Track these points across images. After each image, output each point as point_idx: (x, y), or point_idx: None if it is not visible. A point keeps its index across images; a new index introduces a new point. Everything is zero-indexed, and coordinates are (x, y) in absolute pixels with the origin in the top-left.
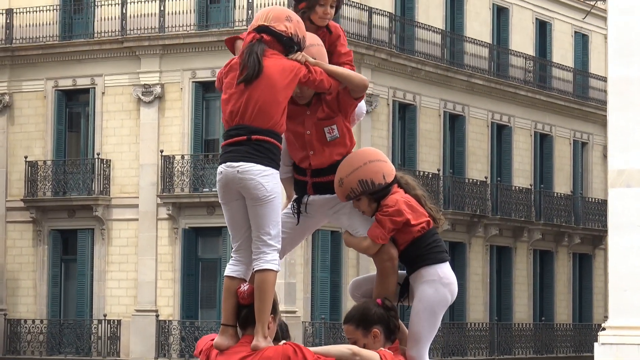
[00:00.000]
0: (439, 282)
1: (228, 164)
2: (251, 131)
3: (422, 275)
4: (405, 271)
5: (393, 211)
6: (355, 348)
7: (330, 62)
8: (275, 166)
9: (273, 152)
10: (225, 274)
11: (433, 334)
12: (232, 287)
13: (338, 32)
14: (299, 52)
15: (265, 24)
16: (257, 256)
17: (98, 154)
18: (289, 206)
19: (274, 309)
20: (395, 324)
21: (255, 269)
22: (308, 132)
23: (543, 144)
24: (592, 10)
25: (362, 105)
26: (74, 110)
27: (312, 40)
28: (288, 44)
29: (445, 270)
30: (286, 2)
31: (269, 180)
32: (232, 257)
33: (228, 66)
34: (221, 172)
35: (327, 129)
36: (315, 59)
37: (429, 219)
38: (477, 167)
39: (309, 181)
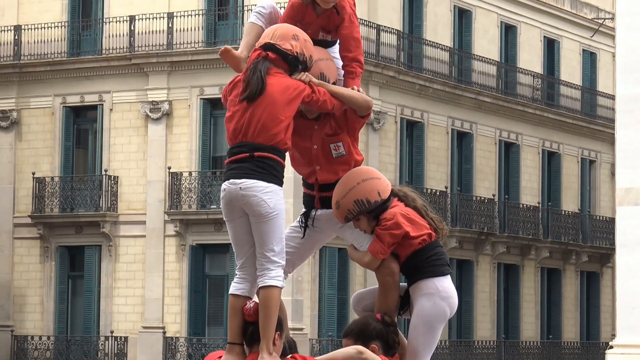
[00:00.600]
0: (437, 295)
1: (231, 181)
2: (254, 148)
3: (421, 288)
4: (406, 283)
5: (391, 224)
6: (360, 348)
7: (339, 38)
8: (279, 183)
9: (276, 169)
10: (230, 292)
11: (432, 348)
12: (237, 305)
13: (344, 14)
14: (303, 72)
15: (272, 41)
16: (262, 272)
17: (106, 171)
18: (297, 220)
19: (280, 326)
20: (394, 339)
21: (259, 286)
22: (315, 146)
23: (551, 161)
24: (600, 29)
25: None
26: (81, 127)
27: (321, 54)
28: (293, 63)
29: (444, 283)
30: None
31: (271, 197)
32: (236, 274)
33: (232, 83)
34: (225, 189)
35: (333, 145)
36: (323, 72)
37: (430, 231)
38: (485, 184)
39: (317, 195)
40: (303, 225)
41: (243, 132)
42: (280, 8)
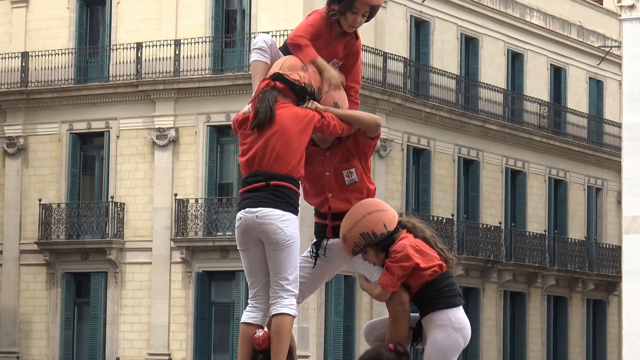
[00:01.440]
0: (450, 326)
1: (247, 209)
2: (269, 177)
3: (434, 320)
4: (417, 314)
5: (401, 256)
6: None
7: (348, 66)
8: (294, 211)
9: (292, 197)
10: (242, 320)
11: None
12: (248, 334)
13: (359, 43)
14: (311, 101)
15: (280, 71)
16: (275, 300)
17: (112, 197)
18: (307, 250)
19: (291, 355)
20: None
21: (272, 313)
22: (327, 173)
23: (557, 189)
24: (606, 57)
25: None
26: (88, 154)
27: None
28: (301, 93)
29: (457, 314)
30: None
31: (288, 225)
32: (248, 303)
33: (237, 119)
34: (240, 218)
35: (346, 172)
36: (337, 102)
37: (441, 262)
38: (491, 212)
39: (329, 224)
40: (314, 255)
41: (257, 162)
42: (275, 36)
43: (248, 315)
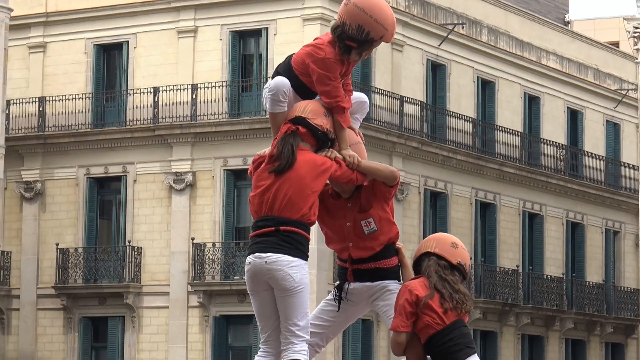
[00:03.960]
0: None
1: (256, 254)
2: (280, 222)
3: None
4: None
5: (402, 290)
6: None
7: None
8: (304, 257)
9: (302, 243)
10: None
11: None
12: None
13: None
14: (330, 149)
15: (303, 115)
16: (286, 347)
17: (129, 242)
18: (331, 294)
19: None
20: None
21: (283, 359)
22: (348, 223)
23: (575, 232)
24: (623, 100)
25: (362, 97)
26: (105, 198)
27: (352, 138)
28: (322, 139)
29: None
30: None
31: (297, 271)
32: (260, 348)
33: (255, 161)
34: (249, 262)
35: (364, 222)
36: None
37: (439, 313)
38: (509, 255)
39: (349, 268)
40: (337, 298)
41: (269, 206)
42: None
43: None
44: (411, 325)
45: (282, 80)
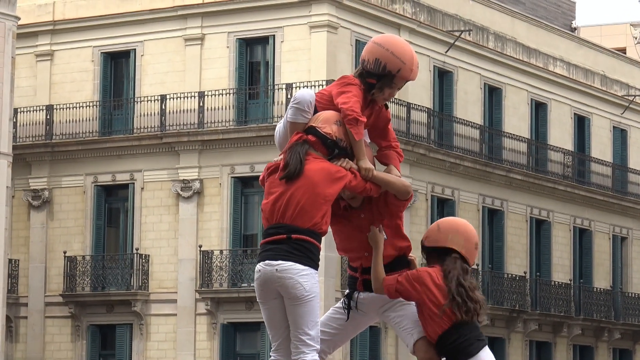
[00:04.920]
0: None
1: (267, 262)
2: (291, 230)
3: None
4: None
5: (425, 276)
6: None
7: (379, 129)
8: (315, 266)
9: (312, 252)
10: None
11: None
12: None
13: (389, 113)
14: (345, 159)
15: (314, 125)
16: (297, 356)
17: (137, 249)
18: (340, 302)
19: None
20: None
21: None
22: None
23: (582, 238)
24: (630, 105)
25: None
26: (113, 206)
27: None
28: (331, 147)
29: None
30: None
31: (307, 280)
32: (271, 356)
33: (271, 168)
34: (259, 270)
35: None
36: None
37: (444, 311)
38: (516, 262)
39: (359, 278)
40: (346, 307)
41: (281, 214)
42: (298, 87)
43: None
44: (404, 280)
45: (309, 92)
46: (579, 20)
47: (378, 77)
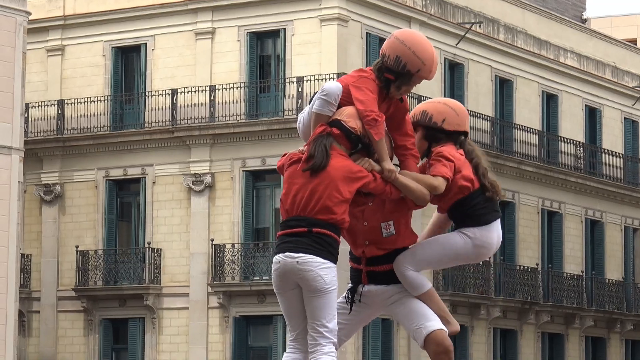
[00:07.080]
0: (472, 240)
1: (287, 254)
2: (312, 224)
3: (462, 229)
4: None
5: (444, 154)
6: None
7: (396, 122)
8: (334, 260)
9: (333, 246)
10: None
11: (433, 264)
12: None
13: (407, 104)
14: (368, 160)
15: (339, 118)
16: (314, 348)
17: (149, 243)
18: (343, 296)
19: None
20: None
21: None
22: (365, 223)
23: (594, 230)
24: None
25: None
26: (124, 200)
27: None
28: (355, 142)
29: (484, 232)
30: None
31: (327, 273)
32: (289, 345)
33: (293, 159)
34: (279, 261)
35: (384, 224)
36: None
37: (472, 179)
38: (528, 253)
39: (364, 269)
40: (350, 301)
41: (302, 206)
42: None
43: (289, 357)
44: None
45: (337, 84)
46: (589, 12)
47: (397, 75)
